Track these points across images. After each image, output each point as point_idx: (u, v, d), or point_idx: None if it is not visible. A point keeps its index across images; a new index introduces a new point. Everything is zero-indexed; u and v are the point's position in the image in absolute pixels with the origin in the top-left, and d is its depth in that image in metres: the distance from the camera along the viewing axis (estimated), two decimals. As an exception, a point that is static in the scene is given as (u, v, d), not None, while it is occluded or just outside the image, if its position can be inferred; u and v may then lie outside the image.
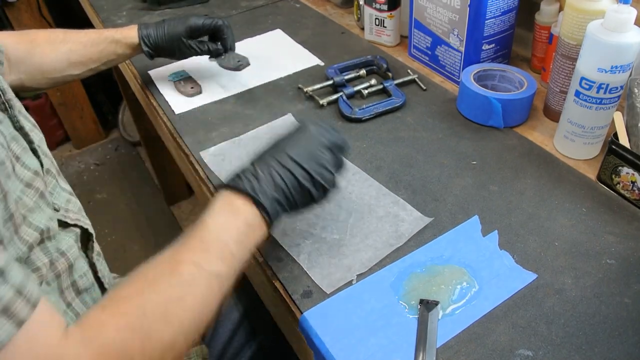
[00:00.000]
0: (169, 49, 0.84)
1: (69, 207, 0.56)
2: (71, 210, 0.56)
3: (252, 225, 0.50)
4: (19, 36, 0.78)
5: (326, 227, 0.62)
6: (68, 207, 0.56)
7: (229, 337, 0.76)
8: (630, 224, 0.60)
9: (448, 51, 0.87)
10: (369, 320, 0.52)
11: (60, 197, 0.56)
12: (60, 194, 0.56)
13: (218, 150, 0.76)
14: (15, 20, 1.80)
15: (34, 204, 0.47)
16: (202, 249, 0.47)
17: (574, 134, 0.69)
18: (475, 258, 0.57)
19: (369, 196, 0.66)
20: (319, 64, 0.95)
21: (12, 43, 0.74)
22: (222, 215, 0.50)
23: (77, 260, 0.54)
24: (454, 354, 0.49)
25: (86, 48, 0.80)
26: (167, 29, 0.82)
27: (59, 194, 0.56)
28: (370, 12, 0.98)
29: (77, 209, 0.58)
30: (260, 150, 0.55)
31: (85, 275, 0.55)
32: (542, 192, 0.65)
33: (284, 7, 1.18)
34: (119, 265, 0.72)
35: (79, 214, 0.58)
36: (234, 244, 0.48)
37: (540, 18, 0.84)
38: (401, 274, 0.56)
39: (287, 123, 0.80)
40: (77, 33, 0.81)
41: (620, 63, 0.60)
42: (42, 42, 0.78)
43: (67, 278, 0.52)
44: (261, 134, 0.78)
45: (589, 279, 0.54)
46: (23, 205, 0.45)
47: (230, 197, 0.51)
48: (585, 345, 0.48)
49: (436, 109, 0.82)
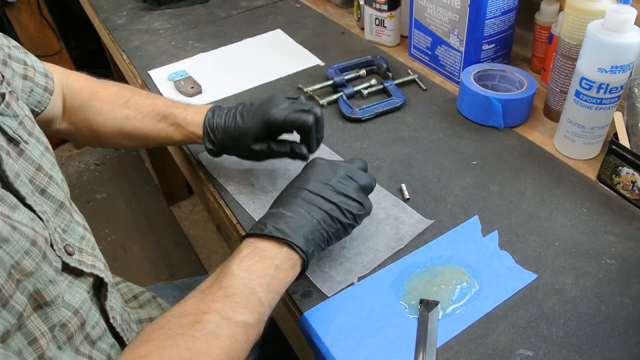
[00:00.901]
0: (238, 148, 0.65)
1: (83, 247, 0.52)
2: (85, 250, 0.51)
3: (282, 269, 0.47)
4: (86, 82, 0.70)
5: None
6: (82, 245, 0.52)
7: None
8: (630, 224, 0.60)
9: (448, 51, 0.87)
10: (369, 320, 0.52)
11: (75, 234, 0.51)
12: (74, 230, 0.52)
13: None
14: (15, 20, 1.80)
15: (35, 266, 0.41)
16: (227, 297, 0.44)
17: (574, 134, 0.69)
18: (475, 258, 0.57)
19: None
20: (319, 64, 0.95)
21: (76, 89, 0.69)
22: (248, 260, 0.47)
23: (89, 313, 0.50)
24: (454, 354, 0.49)
25: (144, 121, 0.67)
26: (239, 123, 0.62)
27: (73, 231, 0.51)
28: (371, 12, 0.98)
29: (90, 246, 0.53)
30: (278, 196, 0.53)
31: (98, 324, 0.51)
32: (542, 192, 0.65)
33: (284, 7, 1.18)
34: (119, 266, 0.72)
35: (94, 254, 0.53)
36: (262, 290, 0.45)
37: (541, 18, 0.84)
38: (401, 274, 0.56)
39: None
40: (144, 98, 0.69)
41: (620, 63, 0.60)
42: (104, 97, 0.69)
43: (79, 334, 0.48)
44: None
45: (589, 279, 0.54)
46: (19, 271, 0.39)
47: (256, 242, 0.48)
48: (585, 345, 0.48)
49: (436, 109, 0.82)
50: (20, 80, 0.59)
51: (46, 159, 0.51)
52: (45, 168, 0.50)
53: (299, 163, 0.63)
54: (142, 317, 0.66)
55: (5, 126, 0.47)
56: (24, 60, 0.61)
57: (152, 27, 1.13)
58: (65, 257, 0.47)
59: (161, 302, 0.70)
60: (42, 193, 0.48)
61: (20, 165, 0.47)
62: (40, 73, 0.63)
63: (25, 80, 0.60)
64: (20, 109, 0.51)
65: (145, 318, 0.66)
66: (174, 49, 1.03)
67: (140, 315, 0.66)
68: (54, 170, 0.52)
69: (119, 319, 0.55)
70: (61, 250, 0.47)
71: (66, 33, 2.04)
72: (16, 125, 0.48)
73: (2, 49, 0.56)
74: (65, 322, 0.45)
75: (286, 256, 0.48)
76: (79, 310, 0.47)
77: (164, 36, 1.08)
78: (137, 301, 0.70)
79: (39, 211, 0.45)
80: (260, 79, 0.92)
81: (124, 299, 0.69)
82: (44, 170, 0.49)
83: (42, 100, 0.63)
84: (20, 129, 0.49)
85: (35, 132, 0.51)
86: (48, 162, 0.51)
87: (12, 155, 0.46)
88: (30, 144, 0.50)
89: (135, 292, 0.71)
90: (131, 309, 0.66)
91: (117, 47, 1.07)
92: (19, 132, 0.49)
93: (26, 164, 0.48)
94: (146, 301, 0.70)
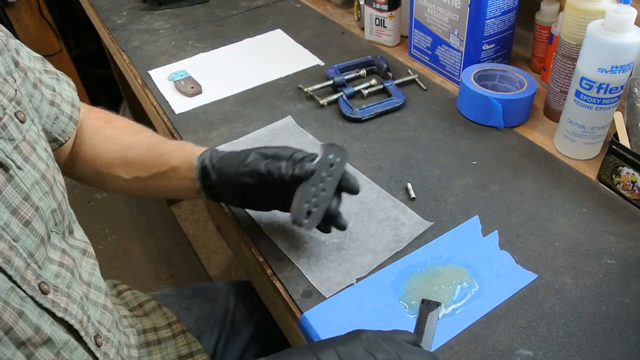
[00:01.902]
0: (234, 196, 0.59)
1: (58, 284, 0.46)
2: (60, 289, 0.46)
3: None
4: (102, 113, 0.69)
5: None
6: (57, 283, 0.46)
7: (239, 356, 0.74)
8: (630, 224, 0.60)
9: (448, 51, 0.87)
10: (369, 320, 0.52)
11: (48, 271, 0.46)
12: (48, 268, 0.46)
13: None
14: (15, 20, 1.80)
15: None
16: None
17: (574, 134, 0.69)
18: (475, 258, 0.57)
19: (369, 199, 0.66)
20: (319, 64, 0.95)
21: (90, 119, 0.67)
22: None
23: (75, 352, 0.46)
24: (454, 354, 0.49)
25: (149, 149, 0.63)
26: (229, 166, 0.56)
27: (46, 268, 0.46)
28: (371, 12, 0.98)
29: (65, 284, 0.47)
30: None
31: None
32: (542, 192, 0.65)
33: (284, 7, 1.18)
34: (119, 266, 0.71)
35: (68, 294, 0.47)
36: None
37: (541, 18, 0.84)
38: (401, 274, 0.56)
39: (288, 125, 0.80)
40: (154, 133, 0.67)
41: (620, 63, 0.60)
42: (117, 125, 0.67)
43: None
44: (260, 136, 0.78)
45: (589, 279, 0.54)
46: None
47: None
48: (585, 345, 0.48)
49: (436, 109, 0.82)
50: (47, 106, 0.57)
51: (39, 188, 0.46)
52: (34, 199, 0.45)
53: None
54: (146, 326, 0.65)
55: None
56: (53, 87, 0.59)
57: (152, 27, 1.13)
58: (38, 297, 0.43)
59: (166, 311, 0.70)
60: (27, 225, 0.44)
61: (6, 192, 0.43)
62: (67, 102, 0.61)
63: (51, 106, 0.58)
64: (21, 132, 0.46)
65: (149, 328, 0.65)
66: (174, 49, 1.03)
67: (144, 325, 0.66)
68: (44, 200, 0.47)
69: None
70: (35, 289, 0.43)
71: (66, 33, 2.04)
72: (10, 149, 0.44)
73: (34, 72, 0.55)
74: None
75: None
76: (60, 352, 0.44)
77: (164, 36, 1.08)
78: (142, 309, 0.69)
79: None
80: (260, 79, 0.92)
81: (129, 307, 0.69)
82: (31, 201, 0.45)
83: (67, 129, 0.61)
84: (14, 153, 0.45)
85: (32, 159, 0.47)
86: (40, 191, 0.47)
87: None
88: (23, 170, 0.45)
89: (140, 299, 0.70)
90: (135, 318, 0.66)
91: (117, 47, 1.07)
92: (13, 157, 0.44)
93: (13, 192, 0.43)
94: (151, 309, 0.69)
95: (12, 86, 0.48)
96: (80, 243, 0.54)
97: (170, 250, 1.75)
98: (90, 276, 0.54)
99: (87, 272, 0.53)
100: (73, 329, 0.46)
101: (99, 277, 0.55)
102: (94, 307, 0.52)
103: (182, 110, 0.85)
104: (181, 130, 0.81)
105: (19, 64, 0.51)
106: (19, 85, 0.50)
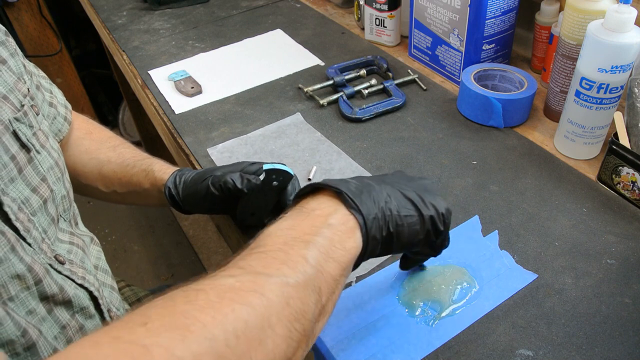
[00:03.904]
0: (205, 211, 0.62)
1: (72, 258, 0.51)
2: (75, 262, 0.51)
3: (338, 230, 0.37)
4: (84, 123, 0.72)
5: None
6: (71, 257, 0.51)
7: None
8: (630, 224, 0.60)
9: (448, 51, 0.87)
10: (369, 320, 0.52)
11: (60, 248, 0.51)
12: (59, 246, 0.51)
13: (225, 147, 0.76)
14: (15, 20, 1.80)
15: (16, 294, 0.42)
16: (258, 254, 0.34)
17: (574, 134, 0.69)
18: (475, 258, 0.57)
19: None
20: (319, 64, 0.95)
21: (74, 127, 0.69)
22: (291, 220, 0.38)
23: (89, 320, 0.50)
24: (454, 354, 0.49)
25: (122, 166, 0.66)
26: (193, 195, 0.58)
27: (58, 246, 0.51)
28: (371, 12, 0.98)
29: (79, 259, 0.52)
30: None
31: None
32: (543, 192, 0.65)
33: (284, 7, 1.18)
34: (119, 266, 0.72)
35: (83, 267, 0.52)
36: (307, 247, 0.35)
37: (541, 18, 0.84)
38: (401, 274, 0.56)
39: (297, 122, 0.80)
40: (131, 150, 0.69)
41: (620, 63, 0.60)
42: (96, 138, 0.70)
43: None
44: (269, 132, 0.78)
45: (589, 279, 0.54)
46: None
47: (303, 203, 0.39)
48: (585, 345, 0.48)
49: (436, 109, 0.82)
50: (47, 107, 0.61)
51: (52, 173, 0.52)
52: (49, 181, 0.51)
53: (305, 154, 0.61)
54: None
55: (20, 132, 0.48)
56: (50, 90, 0.64)
57: (152, 27, 1.13)
58: (57, 265, 0.48)
59: None
60: (45, 203, 0.49)
61: (27, 172, 0.48)
62: (61, 104, 0.66)
63: (50, 107, 0.63)
64: (37, 123, 0.52)
65: None
66: (174, 49, 1.03)
67: None
68: (57, 185, 0.52)
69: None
70: (52, 259, 0.48)
71: (66, 33, 2.04)
72: (30, 134, 0.50)
73: (36, 76, 0.60)
74: (66, 324, 0.47)
75: (343, 217, 0.38)
76: (76, 315, 0.48)
77: (164, 36, 1.08)
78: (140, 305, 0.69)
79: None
80: (260, 79, 0.92)
81: (128, 302, 0.69)
82: (47, 183, 0.50)
83: (62, 129, 0.65)
84: (33, 138, 0.50)
85: (47, 146, 0.53)
86: (54, 176, 0.52)
87: (20, 161, 0.47)
88: (41, 155, 0.51)
89: (139, 295, 0.71)
90: None
91: (117, 47, 1.07)
92: (32, 141, 0.50)
93: (32, 173, 0.49)
94: None
95: (25, 85, 0.53)
96: (86, 233, 0.60)
97: (170, 250, 1.76)
98: (98, 260, 0.59)
99: (94, 257, 0.58)
100: (93, 295, 0.51)
101: (105, 263, 0.60)
102: (104, 287, 0.57)
103: (182, 110, 0.85)
104: (181, 130, 0.81)
105: (26, 67, 0.57)
106: (30, 86, 0.55)
